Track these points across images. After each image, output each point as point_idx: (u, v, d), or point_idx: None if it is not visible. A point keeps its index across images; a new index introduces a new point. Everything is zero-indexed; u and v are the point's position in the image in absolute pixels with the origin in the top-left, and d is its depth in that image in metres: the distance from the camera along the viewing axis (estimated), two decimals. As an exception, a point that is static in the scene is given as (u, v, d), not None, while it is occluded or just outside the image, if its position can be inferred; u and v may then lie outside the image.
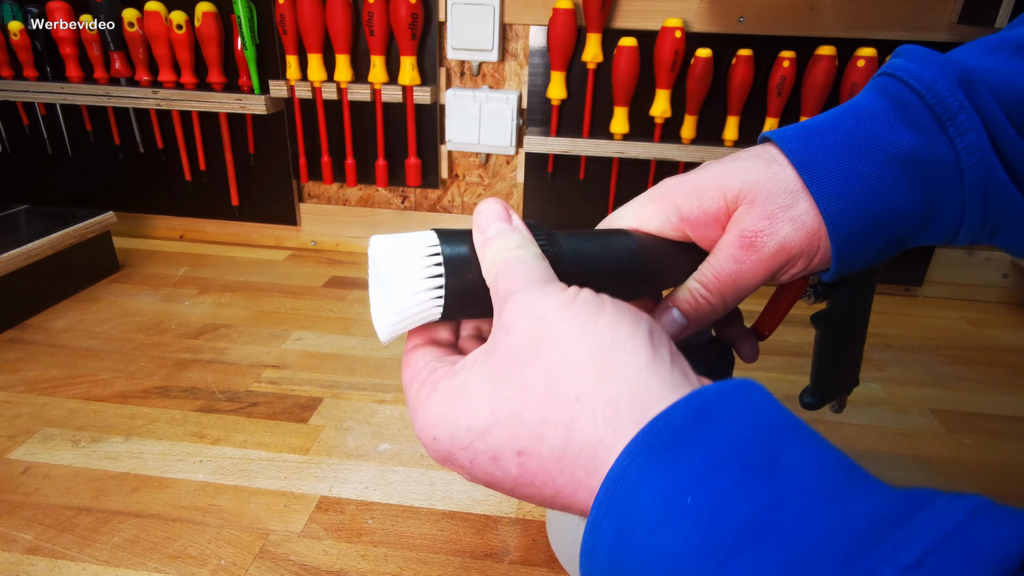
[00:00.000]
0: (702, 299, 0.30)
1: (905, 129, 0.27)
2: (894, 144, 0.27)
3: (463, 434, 0.22)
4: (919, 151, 0.27)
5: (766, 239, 0.28)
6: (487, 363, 0.22)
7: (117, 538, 0.45)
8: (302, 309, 0.81)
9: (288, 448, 0.55)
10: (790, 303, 0.38)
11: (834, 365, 0.42)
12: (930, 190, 0.28)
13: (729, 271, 0.29)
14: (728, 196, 0.29)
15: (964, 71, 0.27)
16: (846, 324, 0.40)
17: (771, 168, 0.29)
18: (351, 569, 0.44)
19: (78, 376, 0.64)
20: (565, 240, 0.28)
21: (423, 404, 0.24)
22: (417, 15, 0.82)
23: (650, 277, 0.30)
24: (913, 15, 0.78)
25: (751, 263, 0.29)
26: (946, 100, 0.27)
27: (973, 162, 0.27)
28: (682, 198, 0.30)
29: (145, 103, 0.90)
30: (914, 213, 0.28)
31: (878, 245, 0.29)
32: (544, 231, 0.27)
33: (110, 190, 1.01)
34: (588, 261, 0.28)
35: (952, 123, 0.27)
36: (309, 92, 0.88)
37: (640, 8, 0.82)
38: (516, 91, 0.88)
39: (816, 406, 0.43)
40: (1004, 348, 0.80)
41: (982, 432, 0.62)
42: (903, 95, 0.28)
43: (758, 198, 0.28)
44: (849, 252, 0.29)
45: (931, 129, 0.27)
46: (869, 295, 0.40)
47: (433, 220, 0.99)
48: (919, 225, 0.29)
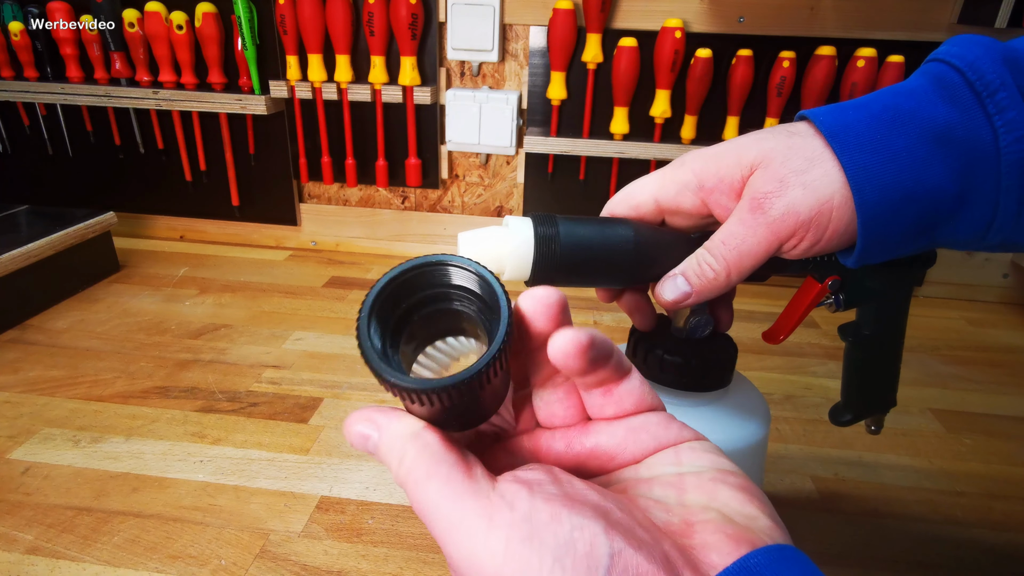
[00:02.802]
0: (707, 266, 0.29)
1: (943, 104, 0.26)
2: (930, 119, 0.26)
3: None
4: (956, 127, 0.26)
5: (774, 200, 0.27)
6: None
7: (117, 538, 0.45)
8: (302, 309, 0.81)
9: (288, 448, 0.55)
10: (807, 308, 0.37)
11: (866, 381, 0.41)
12: (964, 169, 0.26)
13: (735, 234, 0.28)
14: (743, 163, 0.29)
15: (1011, 52, 0.26)
16: (878, 339, 0.39)
17: (792, 139, 0.28)
18: (351, 569, 0.44)
19: (78, 376, 0.64)
20: (564, 224, 0.29)
21: None
22: (417, 15, 0.82)
23: (644, 268, 0.31)
24: (913, 15, 0.78)
25: (757, 226, 0.28)
26: (987, 77, 0.26)
27: (1011, 140, 0.26)
28: (701, 165, 0.30)
29: (145, 103, 0.90)
30: (946, 193, 0.26)
31: (906, 224, 0.27)
32: (544, 215, 0.29)
33: (110, 190, 1.01)
34: (583, 246, 0.29)
35: (992, 100, 0.26)
36: (309, 92, 0.88)
37: (640, 8, 0.82)
38: (516, 91, 0.88)
39: (848, 423, 0.42)
40: (1004, 348, 0.80)
41: (982, 432, 0.62)
42: (945, 73, 0.27)
43: (772, 163, 0.28)
44: (876, 229, 0.27)
45: (970, 105, 0.26)
46: (904, 308, 0.38)
47: (433, 220, 0.99)
48: (951, 208, 0.27)
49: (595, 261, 0.29)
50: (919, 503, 0.52)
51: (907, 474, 0.55)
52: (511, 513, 0.17)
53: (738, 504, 0.19)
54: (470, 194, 0.97)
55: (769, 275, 0.33)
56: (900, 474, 0.55)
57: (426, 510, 0.19)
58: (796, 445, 0.58)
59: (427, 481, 0.19)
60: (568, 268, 0.29)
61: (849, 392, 0.41)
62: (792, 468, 0.55)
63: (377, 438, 0.20)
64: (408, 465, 0.19)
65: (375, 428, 0.20)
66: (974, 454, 0.59)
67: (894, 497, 0.53)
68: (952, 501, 0.53)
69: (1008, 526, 0.50)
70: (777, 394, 0.67)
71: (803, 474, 0.55)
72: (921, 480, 0.55)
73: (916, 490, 0.54)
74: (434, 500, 0.18)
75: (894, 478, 0.55)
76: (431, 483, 0.19)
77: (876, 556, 0.47)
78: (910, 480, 0.55)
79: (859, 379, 0.41)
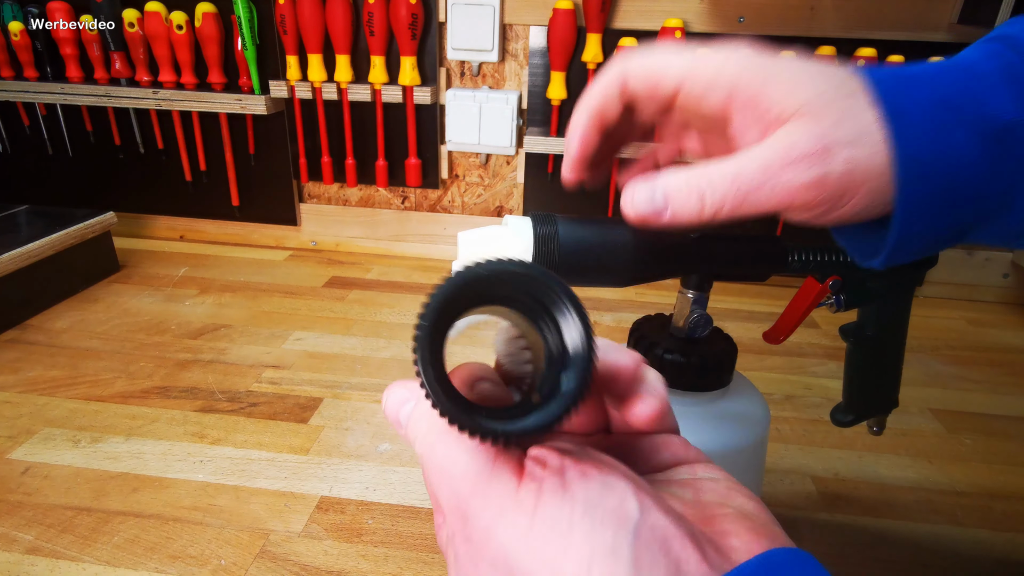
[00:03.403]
0: (700, 195, 0.25)
1: (1011, 100, 0.24)
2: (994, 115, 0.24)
3: None
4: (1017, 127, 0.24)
5: (811, 164, 0.24)
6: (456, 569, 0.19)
7: (117, 538, 0.45)
8: (302, 309, 0.81)
9: (288, 448, 0.55)
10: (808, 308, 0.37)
11: (868, 382, 0.41)
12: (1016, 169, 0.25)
13: (750, 177, 0.25)
14: (790, 101, 0.25)
15: None
16: (880, 339, 0.38)
17: (847, 100, 0.24)
18: (351, 569, 0.44)
19: (78, 376, 0.64)
20: (563, 224, 0.29)
21: None
22: (417, 15, 0.82)
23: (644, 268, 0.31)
24: (913, 15, 0.78)
25: (778, 183, 0.24)
26: None
27: None
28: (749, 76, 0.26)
29: (145, 103, 0.90)
30: (991, 194, 0.25)
31: (944, 225, 0.25)
32: (544, 214, 0.29)
33: (110, 190, 1.01)
34: (582, 245, 0.29)
35: None
36: (309, 92, 0.88)
37: (640, 8, 0.82)
38: (516, 91, 0.88)
39: (850, 424, 0.42)
40: (1004, 348, 0.80)
41: (982, 432, 0.62)
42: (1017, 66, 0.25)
43: (822, 119, 0.24)
44: (913, 228, 0.24)
45: None
46: (905, 309, 0.38)
47: (433, 220, 0.99)
48: (992, 210, 0.25)
49: (594, 261, 0.29)
50: (919, 503, 0.52)
51: (907, 474, 0.55)
52: (542, 470, 0.18)
53: (753, 510, 0.19)
54: (470, 194, 0.97)
55: (769, 274, 0.33)
56: (900, 474, 0.55)
57: (452, 470, 0.19)
58: (796, 445, 0.58)
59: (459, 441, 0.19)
60: (567, 267, 0.29)
61: (850, 393, 0.41)
62: (792, 468, 0.55)
63: (413, 406, 0.21)
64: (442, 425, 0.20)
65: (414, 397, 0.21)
66: (974, 454, 0.59)
67: (894, 497, 0.53)
68: (952, 501, 0.53)
69: (1008, 526, 0.50)
70: (777, 394, 0.67)
71: (803, 474, 0.55)
72: (921, 480, 0.55)
73: (916, 490, 0.54)
74: (463, 459, 0.19)
75: (894, 478, 0.55)
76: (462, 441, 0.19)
77: (876, 556, 0.47)
78: (910, 480, 0.55)
79: (860, 380, 0.41)
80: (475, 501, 0.18)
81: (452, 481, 0.19)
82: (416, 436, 0.20)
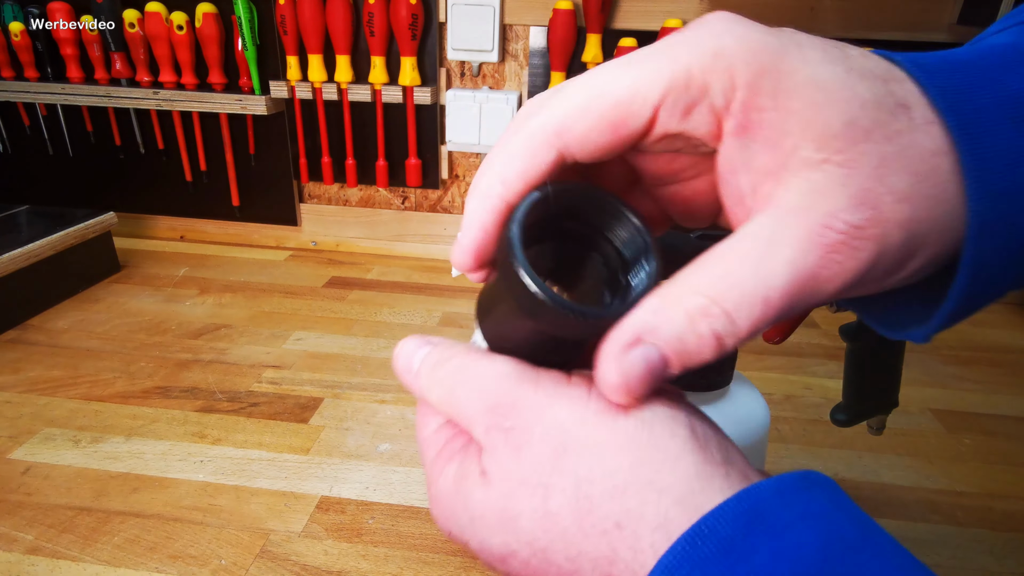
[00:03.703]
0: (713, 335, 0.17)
1: None
2: None
3: (476, 549, 0.19)
4: None
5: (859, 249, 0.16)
6: (489, 491, 0.19)
7: (118, 538, 0.45)
8: (302, 309, 0.81)
9: (288, 448, 0.55)
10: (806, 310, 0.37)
11: (867, 382, 0.41)
12: None
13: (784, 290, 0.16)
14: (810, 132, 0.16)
15: None
16: (880, 339, 0.38)
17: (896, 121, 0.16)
18: (351, 569, 0.44)
19: (79, 376, 0.65)
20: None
21: (433, 484, 0.20)
22: (417, 16, 0.83)
23: None
24: (913, 15, 0.78)
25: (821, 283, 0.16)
26: None
27: None
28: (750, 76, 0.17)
29: (146, 104, 0.90)
30: None
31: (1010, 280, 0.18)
32: None
33: (111, 190, 1.01)
34: None
35: None
36: (309, 93, 0.88)
37: (640, 8, 0.82)
38: (516, 91, 0.88)
39: (848, 423, 0.42)
40: (1004, 348, 0.80)
41: (982, 432, 0.62)
42: None
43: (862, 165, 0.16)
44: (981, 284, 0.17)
45: None
46: None
47: (433, 220, 0.99)
48: None
49: None
50: (919, 503, 0.52)
51: (907, 474, 0.55)
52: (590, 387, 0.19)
53: None
54: (470, 194, 0.97)
55: None
56: (900, 474, 0.55)
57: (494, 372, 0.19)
58: (796, 445, 0.58)
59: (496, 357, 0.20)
60: None
61: (850, 393, 0.41)
62: (792, 468, 0.55)
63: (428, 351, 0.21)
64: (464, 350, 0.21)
65: None
66: (974, 454, 0.59)
67: (894, 497, 0.53)
68: (952, 501, 0.53)
69: (1008, 526, 0.50)
70: (777, 394, 0.67)
71: (803, 474, 0.55)
72: (921, 480, 0.55)
73: (916, 490, 0.54)
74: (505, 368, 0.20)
75: (894, 478, 0.55)
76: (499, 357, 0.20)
77: (876, 556, 0.47)
78: (910, 480, 0.55)
79: (860, 380, 0.41)
80: (525, 386, 0.19)
81: (497, 381, 0.19)
82: (434, 377, 0.21)
